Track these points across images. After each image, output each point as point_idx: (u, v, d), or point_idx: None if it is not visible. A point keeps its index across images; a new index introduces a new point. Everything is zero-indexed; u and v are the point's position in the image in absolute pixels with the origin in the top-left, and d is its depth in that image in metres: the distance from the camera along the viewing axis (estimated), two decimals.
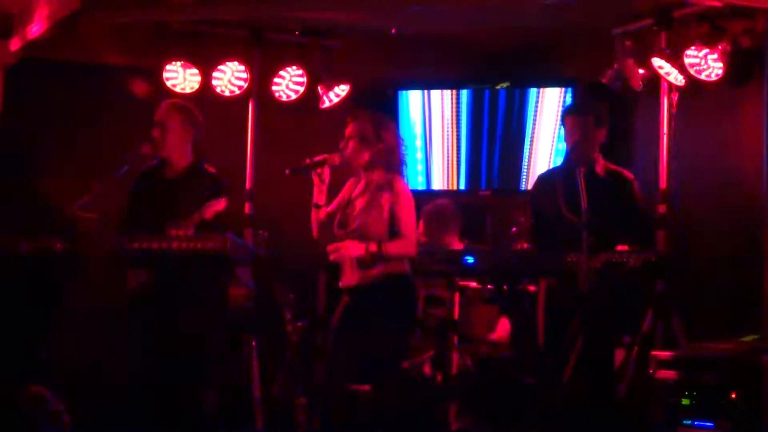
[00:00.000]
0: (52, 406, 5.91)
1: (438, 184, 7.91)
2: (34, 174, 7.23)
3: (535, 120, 7.71)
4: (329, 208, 6.08)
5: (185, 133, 6.35)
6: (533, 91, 7.73)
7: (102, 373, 6.87)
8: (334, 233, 6.01)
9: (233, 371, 6.41)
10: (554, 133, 7.60)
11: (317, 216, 6.06)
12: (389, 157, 5.98)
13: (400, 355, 6.00)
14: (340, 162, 5.97)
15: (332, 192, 6.14)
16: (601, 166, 6.23)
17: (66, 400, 5.96)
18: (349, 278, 5.94)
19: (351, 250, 5.78)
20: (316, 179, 6.00)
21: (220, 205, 5.99)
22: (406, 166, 6.12)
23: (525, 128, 7.74)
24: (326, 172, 5.99)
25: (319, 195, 6.03)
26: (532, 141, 7.73)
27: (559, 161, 7.22)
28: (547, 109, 7.68)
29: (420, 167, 7.91)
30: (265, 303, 6.26)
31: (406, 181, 6.01)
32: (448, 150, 7.88)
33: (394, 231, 5.86)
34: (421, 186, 7.87)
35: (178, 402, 6.16)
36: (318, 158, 5.95)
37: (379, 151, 5.95)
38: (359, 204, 6.00)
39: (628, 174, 6.28)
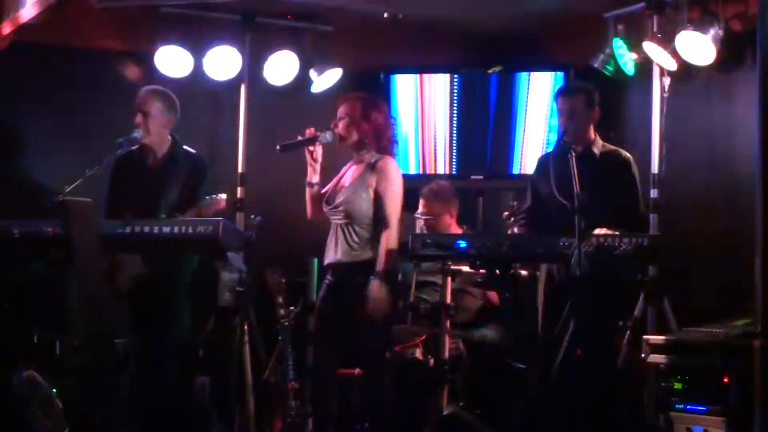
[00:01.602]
0: (44, 389, 5.91)
1: (430, 168, 7.90)
2: (25, 158, 7.21)
3: (527, 104, 7.71)
4: (324, 190, 6.09)
5: (165, 118, 6.37)
6: (525, 75, 7.72)
7: (93, 358, 6.86)
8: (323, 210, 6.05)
9: (225, 356, 6.40)
10: (546, 117, 7.59)
11: (311, 195, 6.07)
12: (378, 138, 5.99)
13: (383, 340, 6.00)
14: (332, 140, 5.98)
15: (332, 175, 6.17)
16: (598, 146, 6.20)
17: (57, 384, 5.97)
18: (333, 256, 5.97)
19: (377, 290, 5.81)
20: (308, 157, 6.01)
21: (221, 203, 6.03)
22: (398, 146, 6.12)
23: (517, 113, 7.73)
24: (318, 150, 6.00)
25: (312, 174, 6.04)
26: (524, 125, 7.72)
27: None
28: (539, 93, 7.67)
29: (412, 152, 7.89)
30: (257, 288, 6.25)
31: (396, 162, 6.01)
32: (440, 134, 7.87)
33: (378, 214, 5.87)
34: (414, 170, 7.87)
35: (170, 387, 6.16)
36: (309, 135, 5.96)
37: (366, 131, 5.96)
38: (346, 181, 6.02)
39: (625, 153, 6.23)
